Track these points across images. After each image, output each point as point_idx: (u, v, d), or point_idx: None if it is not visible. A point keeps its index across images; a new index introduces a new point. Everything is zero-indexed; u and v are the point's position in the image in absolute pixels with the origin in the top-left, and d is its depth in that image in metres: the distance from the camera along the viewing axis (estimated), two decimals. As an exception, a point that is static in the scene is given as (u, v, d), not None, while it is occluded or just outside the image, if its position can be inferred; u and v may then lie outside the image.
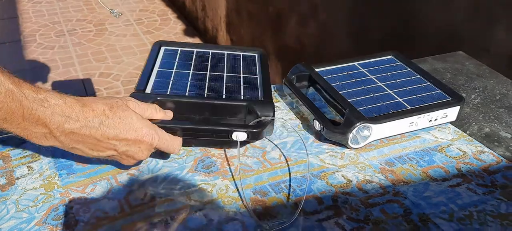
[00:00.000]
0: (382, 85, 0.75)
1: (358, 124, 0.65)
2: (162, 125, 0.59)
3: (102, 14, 3.32)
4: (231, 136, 0.60)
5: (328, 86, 0.73)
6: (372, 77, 0.77)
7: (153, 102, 0.62)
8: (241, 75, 0.71)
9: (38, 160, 0.64)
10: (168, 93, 0.65)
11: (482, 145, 0.69)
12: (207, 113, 0.64)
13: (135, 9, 3.45)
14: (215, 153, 0.66)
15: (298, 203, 0.57)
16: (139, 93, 0.64)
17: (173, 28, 3.18)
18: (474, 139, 0.70)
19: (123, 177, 0.61)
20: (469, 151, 0.67)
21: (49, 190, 0.59)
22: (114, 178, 0.61)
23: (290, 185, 0.60)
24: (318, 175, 0.62)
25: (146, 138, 0.55)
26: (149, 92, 0.65)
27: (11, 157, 0.64)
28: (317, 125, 0.68)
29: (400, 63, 0.81)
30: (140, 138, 0.55)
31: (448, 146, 0.69)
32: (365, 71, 0.79)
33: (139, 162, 0.61)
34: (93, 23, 3.24)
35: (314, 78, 0.76)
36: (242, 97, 0.66)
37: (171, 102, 0.63)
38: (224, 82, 0.69)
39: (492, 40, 1.00)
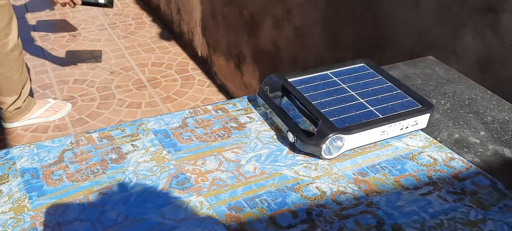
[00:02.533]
0: (354, 94, 0.76)
1: (330, 135, 0.65)
2: None
3: (75, 19, 3.26)
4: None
5: (301, 96, 0.73)
6: (344, 86, 0.78)
7: None
8: None
9: (7, 182, 0.62)
10: None
11: (452, 151, 0.70)
12: None
13: (109, 13, 3.40)
14: (189, 168, 0.66)
15: (273, 218, 0.57)
16: None
17: (148, 32, 3.15)
18: (445, 145, 0.72)
19: (95, 197, 0.60)
20: (440, 158, 0.69)
21: (18, 213, 0.57)
22: (86, 198, 0.60)
23: (264, 199, 0.61)
24: (292, 188, 0.63)
25: None
26: None
27: (-22, 179, 0.63)
28: (290, 137, 0.69)
29: (371, 71, 0.82)
30: None
31: (419, 153, 0.70)
32: (337, 80, 0.79)
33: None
34: (66, 28, 3.18)
35: (287, 89, 0.76)
36: None
37: None
38: None
39: (460, 44, 1.03)
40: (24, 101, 2.14)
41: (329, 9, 1.46)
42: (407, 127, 0.72)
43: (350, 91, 0.77)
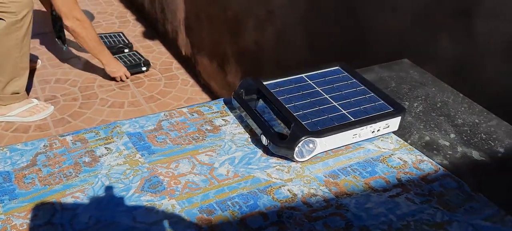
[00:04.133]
0: (328, 98, 0.77)
1: (302, 138, 0.66)
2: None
3: (58, 17, 3.22)
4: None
5: (275, 100, 0.74)
6: (318, 89, 0.79)
7: None
8: None
9: (-22, 185, 0.62)
10: None
11: (422, 154, 0.72)
12: None
13: (93, 11, 3.37)
14: (162, 171, 0.66)
15: (244, 221, 0.58)
16: None
17: (132, 31, 3.13)
18: (415, 147, 0.73)
19: (67, 200, 0.60)
20: (410, 160, 0.70)
21: (-11, 217, 0.57)
22: (58, 202, 0.60)
23: (236, 202, 0.61)
24: (264, 190, 0.64)
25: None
26: None
27: (-51, 183, 0.62)
28: (264, 140, 0.69)
29: (346, 74, 0.84)
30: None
31: (390, 155, 0.71)
32: (312, 84, 0.80)
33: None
34: (48, 28, 3.14)
35: (262, 92, 0.77)
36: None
37: None
38: None
39: (435, 48, 1.04)
40: (24, 89, 2.15)
41: (310, 12, 1.48)
42: (378, 130, 0.73)
43: (324, 94, 0.78)
